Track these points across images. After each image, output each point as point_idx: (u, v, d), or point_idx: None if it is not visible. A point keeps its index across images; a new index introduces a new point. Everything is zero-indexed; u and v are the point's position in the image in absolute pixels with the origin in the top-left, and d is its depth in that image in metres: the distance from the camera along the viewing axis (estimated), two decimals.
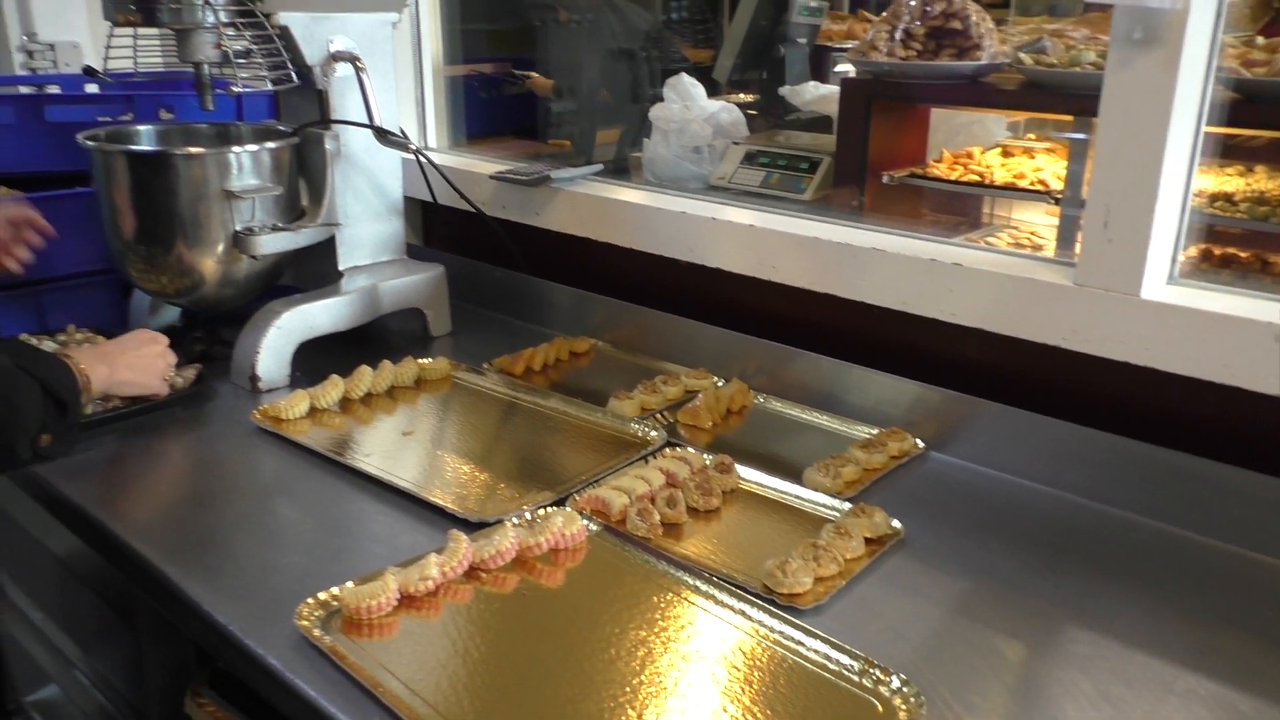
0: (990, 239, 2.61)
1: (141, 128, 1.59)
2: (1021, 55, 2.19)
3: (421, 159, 1.72)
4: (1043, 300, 1.18)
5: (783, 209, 1.70)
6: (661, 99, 2.83)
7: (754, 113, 3.23)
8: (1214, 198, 2.14)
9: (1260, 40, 2.11)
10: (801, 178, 2.64)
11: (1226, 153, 2.48)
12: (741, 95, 3.56)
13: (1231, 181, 2.23)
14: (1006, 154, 2.58)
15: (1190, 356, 1.08)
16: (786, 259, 1.43)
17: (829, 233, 1.40)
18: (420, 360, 1.52)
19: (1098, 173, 1.11)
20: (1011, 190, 2.35)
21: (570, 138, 2.96)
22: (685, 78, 2.81)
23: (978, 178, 2.41)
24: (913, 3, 2.38)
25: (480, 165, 1.87)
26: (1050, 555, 1.06)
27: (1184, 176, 1.11)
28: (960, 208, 2.72)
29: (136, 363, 1.32)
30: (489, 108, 4.17)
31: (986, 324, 1.24)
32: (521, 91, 4.04)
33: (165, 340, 1.37)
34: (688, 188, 2.79)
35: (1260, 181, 2.21)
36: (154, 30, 1.44)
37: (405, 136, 1.64)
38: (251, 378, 1.43)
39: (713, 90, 3.43)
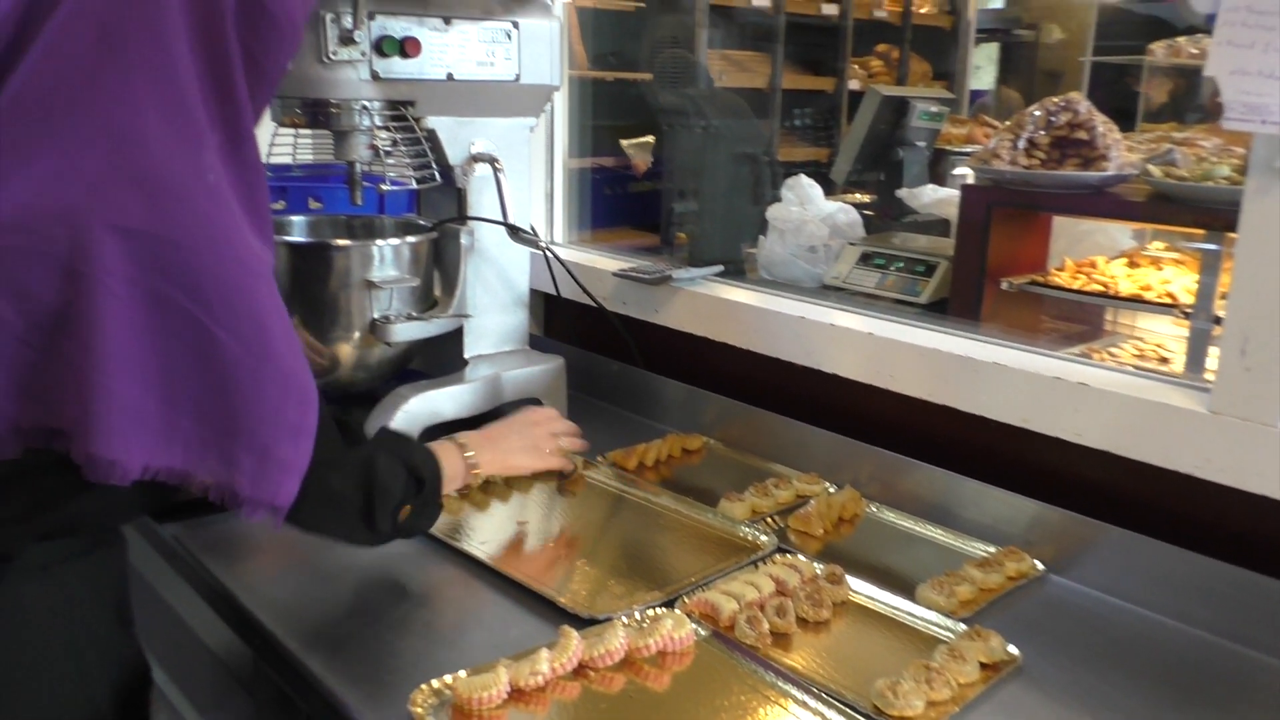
0: (1113, 350, 2.55)
1: (293, 217, 1.70)
2: (1150, 167, 2.17)
3: (549, 254, 1.79)
4: (1174, 426, 1.15)
5: (898, 313, 1.71)
6: (779, 199, 2.88)
7: (870, 213, 3.26)
8: None
9: None
10: (917, 280, 2.63)
11: None
12: (858, 195, 3.60)
13: None
14: (1132, 264, 2.53)
15: None
16: (904, 368, 1.43)
17: (949, 344, 1.40)
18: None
19: (1234, 298, 1.09)
20: (1138, 303, 2.30)
21: (691, 235, 3.03)
22: (804, 179, 2.86)
23: (1101, 288, 2.37)
24: (1037, 112, 2.39)
25: (603, 261, 1.94)
26: (1176, 695, 1.01)
27: None
28: (1082, 316, 2.67)
29: (524, 444, 1.42)
30: (613, 202, 4.30)
31: (1113, 446, 1.22)
32: (644, 189, 4.17)
33: (553, 414, 1.49)
34: (802, 287, 2.82)
35: None
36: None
37: (535, 233, 1.71)
38: None
39: (829, 190, 3.48)
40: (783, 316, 1.60)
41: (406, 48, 1.49)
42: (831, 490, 1.47)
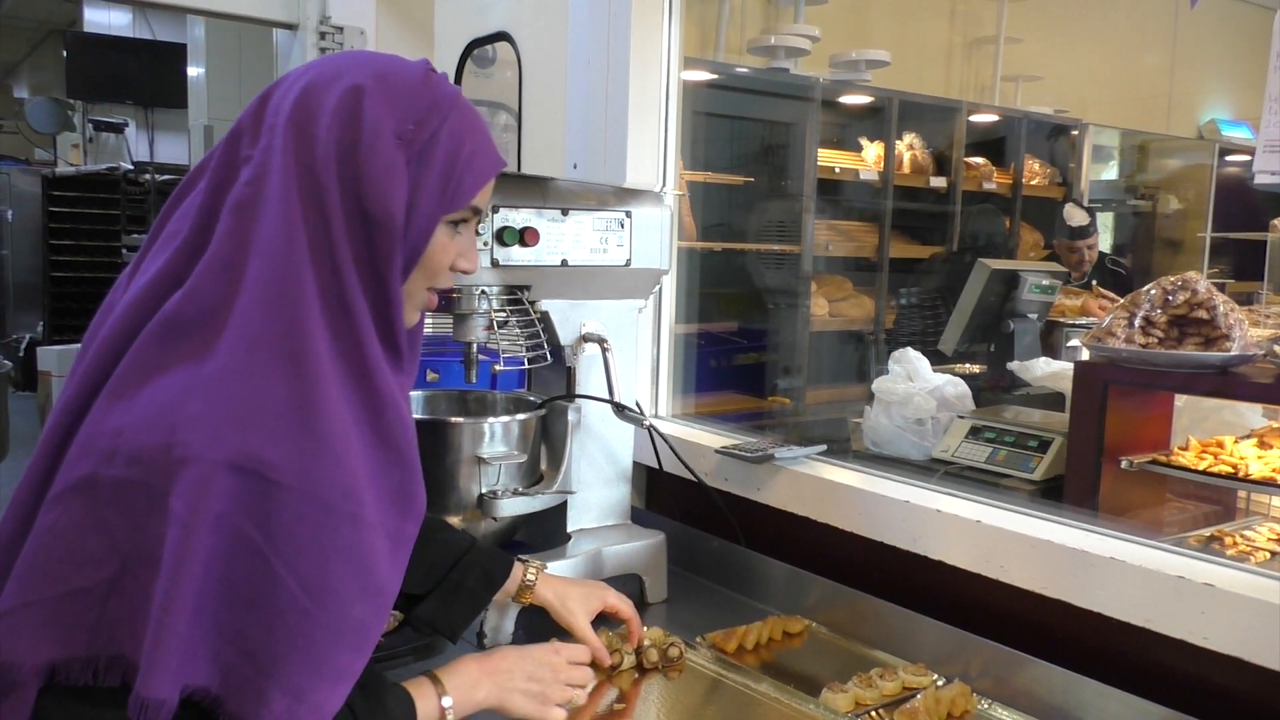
0: (1247, 533, 2.42)
1: (410, 392, 1.78)
2: (1276, 348, 2.10)
3: (653, 431, 1.83)
4: None
5: (1010, 496, 1.66)
6: (883, 372, 2.88)
7: (983, 386, 3.22)
8: None
9: None
10: (1031, 456, 2.57)
11: None
12: (968, 367, 3.56)
13: None
14: (1263, 444, 2.42)
15: None
16: (1016, 559, 1.38)
17: (1063, 535, 1.36)
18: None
19: None
20: (1270, 485, 2.19)
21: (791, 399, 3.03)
22: (910, 351, 2.86)
23: (1230, 469, 2.26)
24: (1153, 291, 2.35)
25: (706, 437, 1.96)
26: None
27: None
28: (1211, 495, 2.54)
29: (532, 686, 1.22)
30: (718, 372, 4.37)
31: (1242, 652, 1.14)
32: (748, 362, 4.23)
33: (580, 655, 1.33)
34: (909, 459, 2.78)
35: None
36: None
37: (640, 410, 1.76)
38: (479, 634, 1.50)
39: (938, 361, 3.46)
40: (887, 499, 1.58)
41: (526, 237, 1.59)
42: (940, 683, 1.41)
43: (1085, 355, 2.42)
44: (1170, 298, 2.30)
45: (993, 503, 1.50)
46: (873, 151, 4.77)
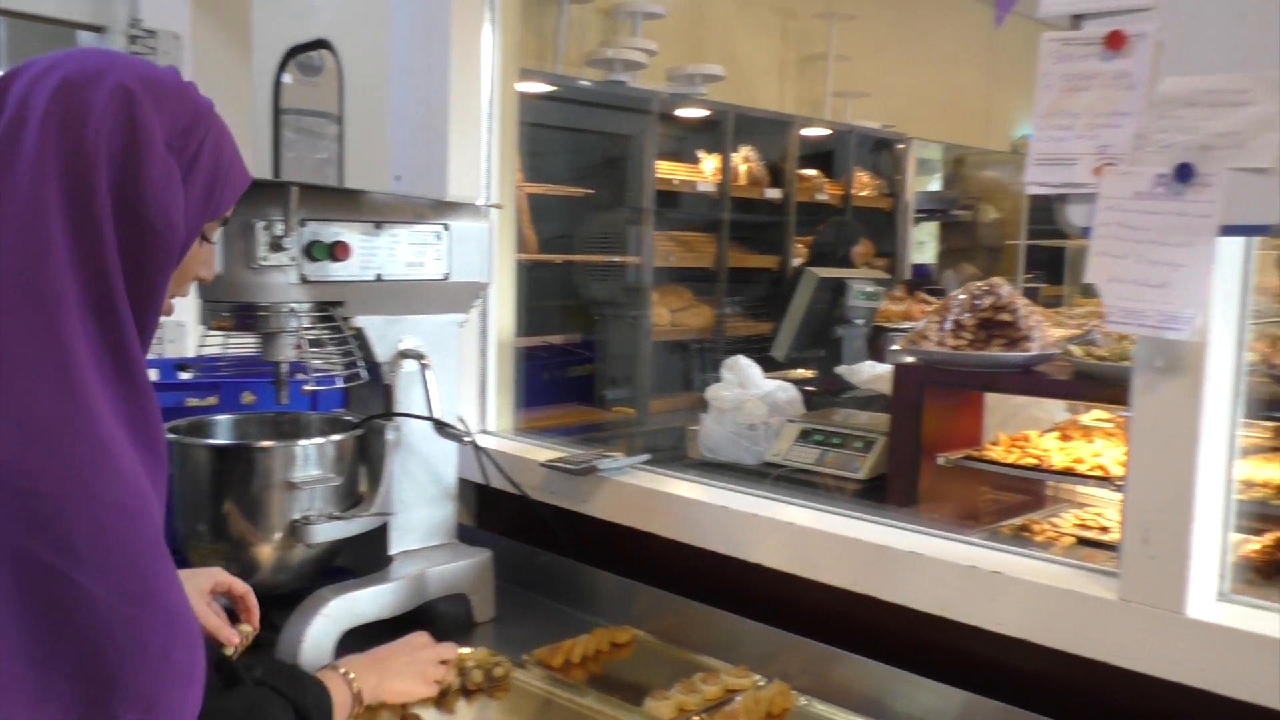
0: (1054, 520, 2.57)
1: (219, 417, 1.70)
2: (1072, 347, 2.25)
3: (477, 447, 1.80)
4: (1087, 614, 1.15)
5: (828, 497, 1.72)
6: (718, 380, 2.93)
7: (813, 390, 3.32)
8: None
9: None
10: (856, 457, 2.66)
11: None
12: (801, 372, 3.68)
13: None
14: (1065, 437, 2.58)
15: (1244, 680, 1.03)
16: (827, 558, 1.43)
17: (868, 533, 1.41)
18: (460, 650, 1.51)
19: (1133, 491, 1.11)
20: (1069, 475, 2.34)
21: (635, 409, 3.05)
22: (742, 359, 2.92)
23: (1035, 461, 2.40)
24: (962, 295, 2.49)
25: (535, 451, 1.94)
26: None
27: (1222, 497, 1.10)
28: (1024, 486, 2.70)
29: (408, 668, 1.38)
30: (560, 384, 4.36)
31: (1031, 635, 1.21)
32: (591, 373, 4.24)
33: (439, 646, 1.46)
34: (743, 464, 2.84)
35: None
36: None
37: (464, 425, 1.73)
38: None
39: (773, 367, 3.56)
40: (706, 506, 1.60)
41: (336, 252, 1.54)
42: (761, 683, 1.44)
43: (904, 358, 2.53)
44: (977, 302, 2.43)
45: (804, 504, 1.55)
46: (710, 164, 4.87)
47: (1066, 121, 1.06)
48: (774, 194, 5.06)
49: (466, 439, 1.67)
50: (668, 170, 4.72)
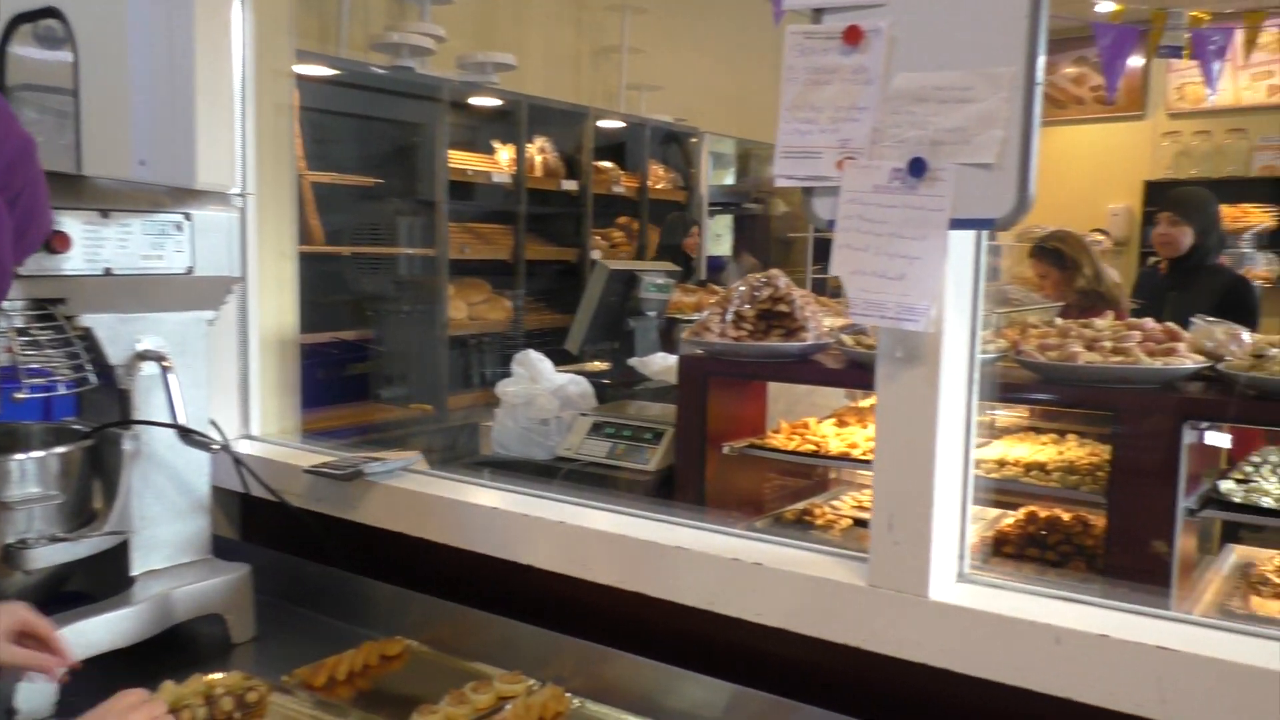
0: (835, 503, 2.67)
1: None
2: (844, 337, 2.33)
3: (231, 455, 1.67)
4: (840, 601, 1.18)
5: (611, 495, 1.69)
6: (509, 375, 2.88)
7: (608, 382, 3.32)
8: (1029, 467, 2.25)
9: (1059, 322, 2.29)
10: (646, 449, 2.68)
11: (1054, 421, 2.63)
12: (596, 365, 3.67)
13: (1045, 451, 2.35)
14: (841, 423, 2.69)
15: (980, 658, 1.08)
16: (597, 556, 1.40)
17: (637, 529, 1.39)
18: (209, 676, 1.39)
19: (878, 479, 1.14)
20: (844, 460, 2.43)
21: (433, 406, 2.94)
22: (532, 353, 2.88)
23: (814, 447, 2.48)
24: (742, 287, 2.53)
25: (301, 456, 1.83)
26: None
27: (959, 483, 1.14)
28: (807, 471, 2.79)
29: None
30: (345, 383, 4.17)
31: (791, 624, 1.22)
32: (383, 370, 4.08)
33: (153, 702, 1.21)
34: (536, 460, 2.80)
35: (1071, 450, 2.34)
36: None
37: (218, 431, 1.60)
38: (8, 711, 1.29)
39: (569, 360, 3.53)
40: (477, 508, 1.55)
41: (54, 243, 1.38)
42: (535, 687, 1.40)
43: (689, 349, 2.56)
44: (756, 293, 2.48)
45: (575, 502, 1.52)
46: (505, 154, 4.79)
47: (811, 115, 1.07)
48: (570, 185, 5.04)
49: (215, 446, 1.54)
50: (461, 160, 4.60)
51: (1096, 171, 8.00)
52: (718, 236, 6.68)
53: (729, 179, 6.73)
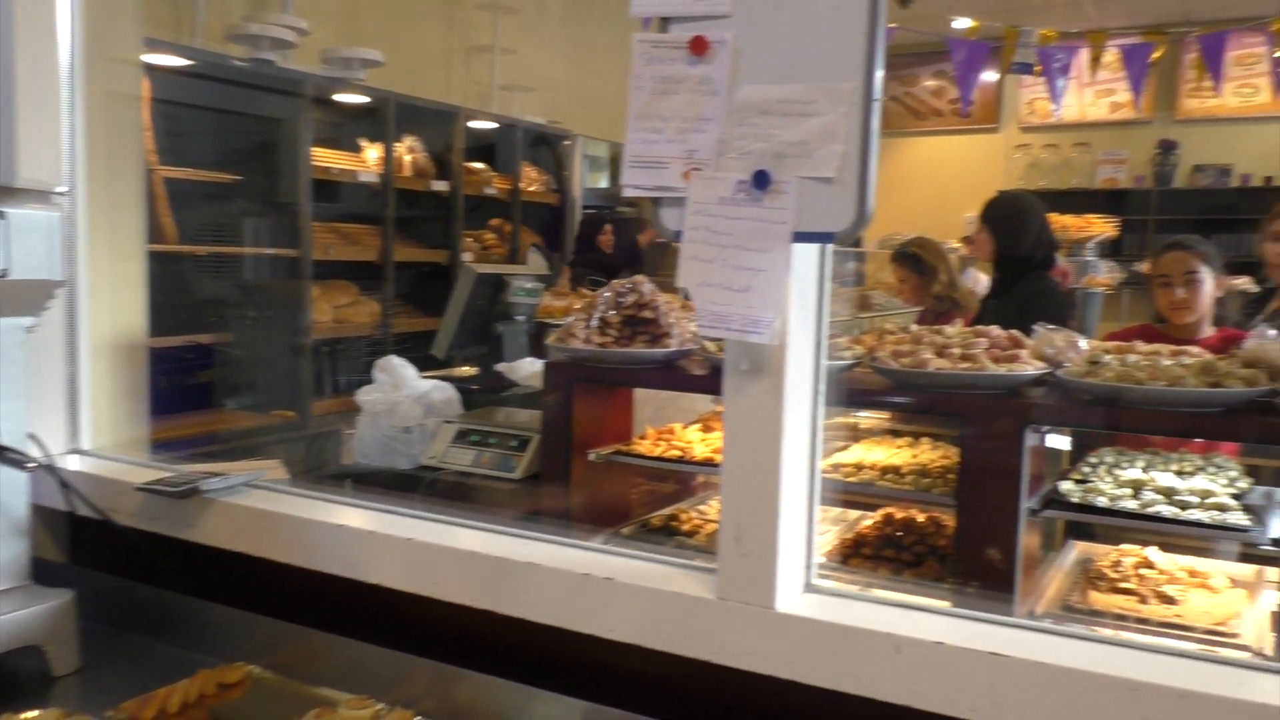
0: (701, 508, 2.68)
1: None
2: (706, 343, 2.34)
3: (52, 472, 1.56)
4: (690, 614, 1.17)
5: (468, 507, 1.65)
6: (371, 381, 2.79)
7: (476, 388, 3.26)
8: (885, 470, 2.30)
9: (912, 328, 2.36)
10: (512, 456, 2.63)
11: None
12: (464, 370, 3.60)
13: (901, 454, 2.41)
14: (706, 428, 2.70)
15: (825, 669, 1.08)
16: (447, 574, 1.36)
17: (488, 545, 1.35)
18: (24, 715, 1.29)
19: (726, 492, 1.14)
20: (710, 465, 2.44)
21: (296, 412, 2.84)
22: (394, 359, 2.80)
23: (679, 453, 2.49)
24: (607, 293, 2.52)
25: (132, 472, 1.72)
26: None
27: (805, 494, 1.15)
28: (674, 476, 2.80)
29: None
30: (201, 390, 3.99)
31: (642, 639, 1.21)
32: (238, 376, 3.91)
33: None
34: (399, 469, 2.72)
35: (925, 454, 2.40)
36: None
37: (38, 444, 1.49)
38: None
39: (435, 366, 3.46)
40: (323, 525, 1.48)
41: None
42: (382, 712, 1.35)
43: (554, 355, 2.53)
44: (621, 299, 2.47)
45: (424, 516, 1.47)
46: (373, 153, 4.67)
47: (658, 124, 1.06)
48: (440, 186, 4.94)
49: (31, 464, 1.43)
50: (326, 158, 4.46)
51: (954, 181, 8.34)
52: None
53: (603, 182, 6.72)
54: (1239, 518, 1.70)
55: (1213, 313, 2.83)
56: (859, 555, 2.22)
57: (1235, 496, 1.80)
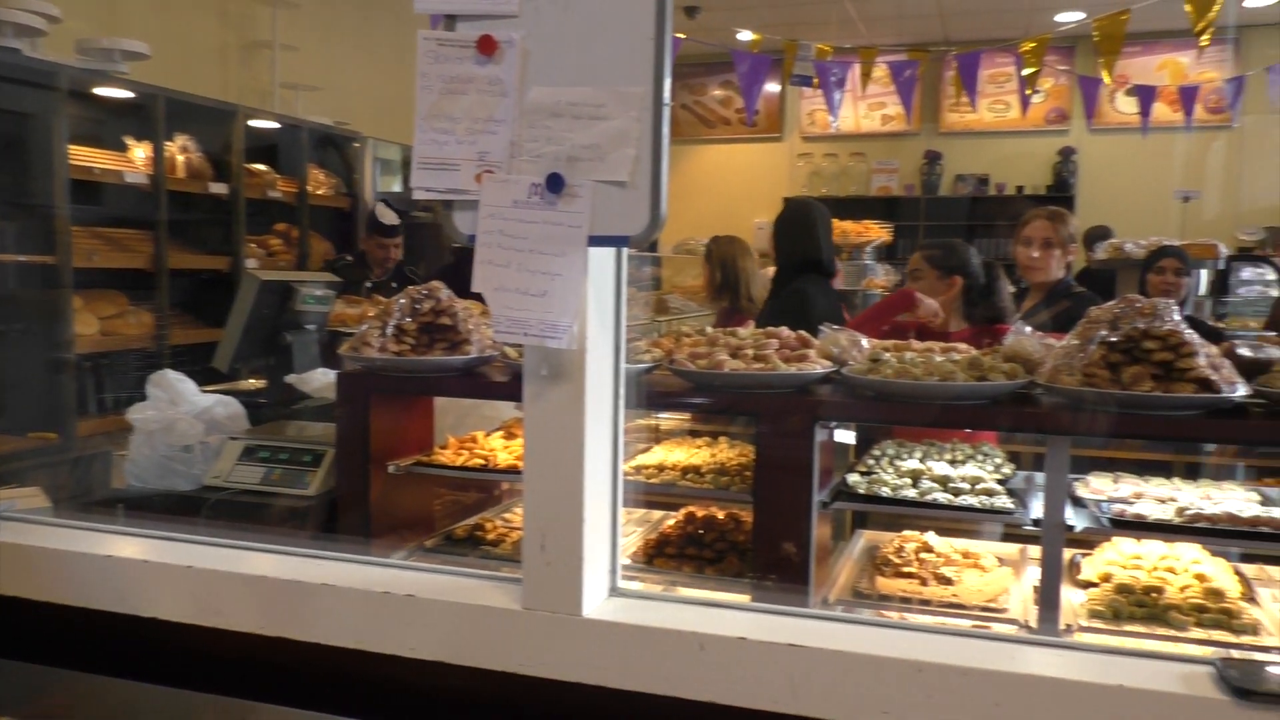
0: (506, 515, 2.64)
1: None
2: (507, 349, 2.31)
3: None
4: (495, 627, 1.14)
5: (259, 528, 1.56)
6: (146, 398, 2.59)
7: (264, 402, 3.09)
8: (686, 470, 2.35)
9: (709, 330, 2.42)
10: (305, 472, 2.51)
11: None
12: (252, 383, 3.41)
13: (700, 454, 2.47)
14: (510, 435, 2.67)
15: (632, 672, 1.08)
16: (233, 601, 1.27)
17: (278, 568, 1.28)
18: None
19: (529, 501, 1.12)
20: (514, 473, 2.41)
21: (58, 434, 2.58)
22: (170, 373, 2.61)
23: (483, 461, 2.45)
24: (403, 300, 2.44)
25: None
26: None
27: (609, 499, 1.15)
28: (479, 485, 2.75)
29: None
30: None
31: (446, 656, 1.17)
32: None
33: None
34: (179, 491, 2.53)
35: (723, 453, 2.47)
36: None
37: None
38: None
39: (216, 380, 3.25)
40: (86, 557, 1.35)
41: None
42: None
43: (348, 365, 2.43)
44: (418, 306, 2.41)
45: (206, 542, 1.37)
46: (140, 152, 4.33)
47: (447, 125, 1.03)
48: (219, 189, 4.66)
49: None
50: (87, 157, 4.11)
51: (744, 187, 8.67)
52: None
53: (396, 186, 6.54)
54: (1004, 501, 1.84)
55: (959, 309, 3.07)
56: (663, 555, 2.26)
57: (1000, 482, 1.95)
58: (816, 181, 8.69)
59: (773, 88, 7.99)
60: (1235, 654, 1.53)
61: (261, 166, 4.93)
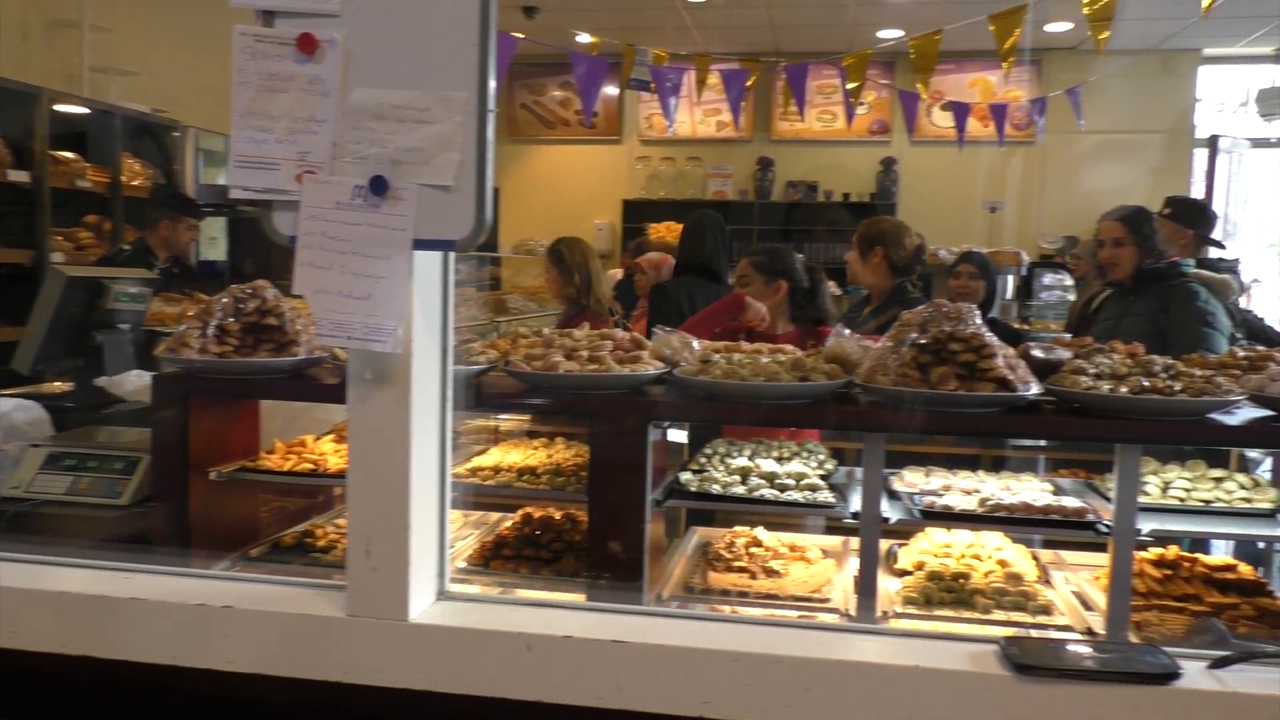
0: (339, 521, 2.58)
1: None
2: (337, 351, 2.24)
3: None
4: (317, 635, 1.12)
5: (61, 541, 1.46)
6: None
7: (71, 406, 2.89)
8: (522, 471, 2.35)
9: (545, 332, 2.42)
10: (117, 480, 2.37)
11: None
12: (57, 386, 3.19)
13: (537, 455, 2.48)
14: (341, 439, 2.60)
15: (460, 675, 1.08)
16: (29, 620, 1.19)
17: (83, 583, 1.21)
18: None
19: (353, 507, 1.10)
20: (344, 478, 2.35)
21: None
22: None
23: (312, 465, 2.37)
24: (225, 299, 2.34)
25: None
26: None
27: (436, 503, 1.14)
28: (309, 490, 2.66)
29: None
30: None
31: (266, 668, 1.14)
32: None
33: None
34: None
35: (559, 453, 2.49)
36: None
37: None
38: None
39: (18, 381, 3.03)
40: None
41: None
42: None
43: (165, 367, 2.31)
44: (241, 306, 2.31)
45: (2, 556, 1.28)
46: None
47: (266, 123, 1.00)
48: (20, 177, 4.33)
49: None
50: None
51: (584, 189, 8.71)
52: (212, 240, 6.17)
53: (221, 178, 6.24)
54: (826, 496, 1.93)
55: (785, 312, 3.19)
56: (500, 557, 2.25)
57: (823, 477, 2.05)
58: (655, 184, 8.82)
59: (611, 90, 8.07)
60: (1033, 634, 1.67)
61: (69, 154, 4.61)
